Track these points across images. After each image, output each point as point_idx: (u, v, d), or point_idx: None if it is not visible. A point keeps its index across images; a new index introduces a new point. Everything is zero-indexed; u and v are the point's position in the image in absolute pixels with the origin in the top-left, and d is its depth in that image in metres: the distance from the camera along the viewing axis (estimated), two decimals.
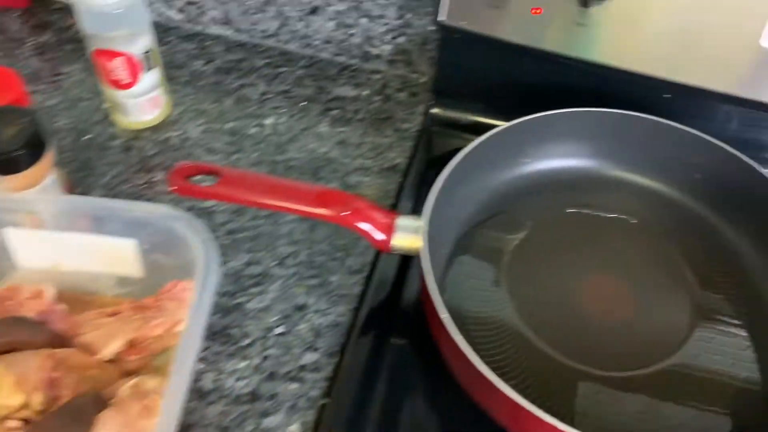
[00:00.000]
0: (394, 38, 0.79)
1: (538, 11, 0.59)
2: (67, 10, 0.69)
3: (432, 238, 0.57)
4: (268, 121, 0.75)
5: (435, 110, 0.75)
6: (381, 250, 0.57)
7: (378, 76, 0.81)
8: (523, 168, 0.67)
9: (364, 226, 0.55)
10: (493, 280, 0.60)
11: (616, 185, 0.67)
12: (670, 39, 0.57)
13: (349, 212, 0.54)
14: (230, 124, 0.75)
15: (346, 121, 0.76)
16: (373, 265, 0.63)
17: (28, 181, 0.55)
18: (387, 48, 0.80)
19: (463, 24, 0.62)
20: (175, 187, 0.54)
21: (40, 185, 0.56)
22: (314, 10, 0.79)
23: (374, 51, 0.81)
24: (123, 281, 0.57)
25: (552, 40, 0.60)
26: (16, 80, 0.59)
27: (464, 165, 0.60)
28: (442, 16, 0.62)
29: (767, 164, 0.60)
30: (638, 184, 0.67)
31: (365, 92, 0.80)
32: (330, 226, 0.65)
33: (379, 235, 0.54)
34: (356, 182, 0.70)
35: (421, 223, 0.55)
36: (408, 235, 0.55)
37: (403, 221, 0.56)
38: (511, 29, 0.61)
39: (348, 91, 0.79)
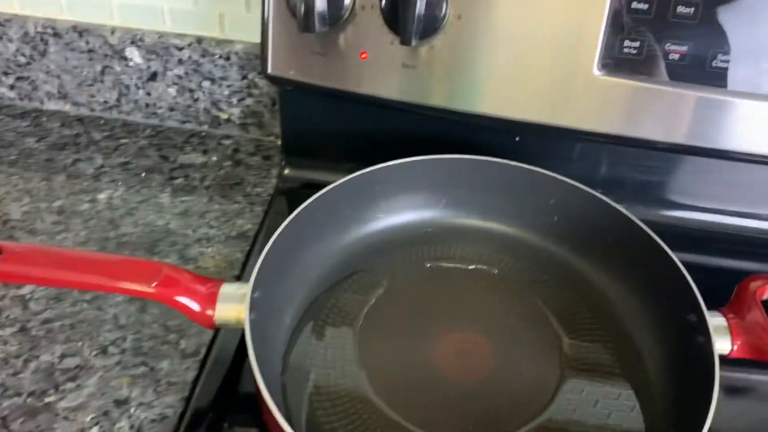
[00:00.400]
0: (240, 100, 0.74)
1: (364, 55, 0.56)
2: None
3: (269, 307, 0.50)
4: (102, 195, 0.68)
5: (287, 171, 0.70)
6: (205, 326, 0.49)
7: (229, 141, 0.76)
8: (377, 224, 0.62)
9: (181, 298, 0.48)
10: (344, 347, 0.54)
11: (475, 235, 0.63)
12: (504, 76, 0.55)
13: (157, 283, 0.47)
14: (58, 202, 0.67)
15: (191, 189, 0.70)
16: (210, 346, 0.56)
17: None
18: (236, 111, 0.75)
19: (292, 74, 0.58)
20: None
21: None
22: (153, 77, 0.74)
23: (223, 115, 0.76)
24: None
25: (380, 86, 0.57)
26: None
27: (301, 225, 0.54)
28: (269, 68, 0.58)
29: (623, 199, 0.58)
30: (497, 232, 0.63)
31: (214, 158, 0.74)
32: (161, 306, 0.58)
33: (197, 307, 0.47)
34: (197, 254, 0.63)
35: (245, 289, 0.48)
36: (233, 305, 0.48)
37: (228, 289, 0.49)
38: (338, 76, 0.57)
39: (195, 159, 0.74)
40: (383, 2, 0.53)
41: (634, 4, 0.51)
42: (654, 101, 0.53)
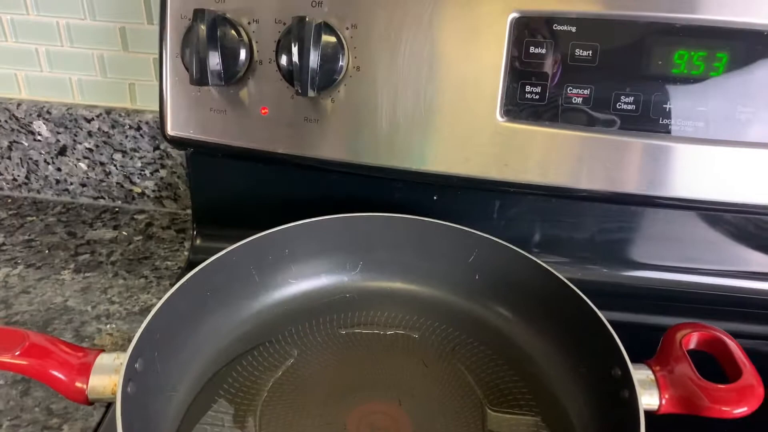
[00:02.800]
0: (154, 172, 0.71)
1: (265, 111, 0.54)
2: None
3: (155, 380, 0.46)
4: None
5: (198, 242, 0.66)
6: (78, 402, 0.44)
7: (143, 216, 0.73)
8: (289, 289, 0.58)
9: (48, 369, 0.42)
10: (245, 426, 0.48)
11: (395, 298, 0.59)
12: (408, 126, 0.53)
13: (20, 352, 0.41)
14: None
15: (96, 265, 0.65)
16: (96, 430, 0.50)
17: None
18: (149, 184, 0.72)
19: (191, 133, 0.56)
20: None
21: None
22: (63, 150, 0.71)
23: (136, 189, 0.73)
24: None
25: (284, 142, 0.54)
26: None
27: (196, 291, 0.50)
28: (168, 129, 0.56)
29: (543, 257, 0.55)
30: (418, 294, 0.59)
31: (125, 233, 0.70)
32: (48, 389, 0.52)
33: (64, 378, 0.42)
34: (94, 331, 0.58)
35: (121, 360, 0.43)
36: (108, 376, 0.43)
37: (105, 359, 0.44)
38: (239, 133, 0.55)
39: (104, 234, 0.70)
40: (280, 57, 0.52)
41: (532, 49, 0.50)
42: (560, 146, 0.52)
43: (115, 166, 0.71)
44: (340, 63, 0.52)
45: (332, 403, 0.50)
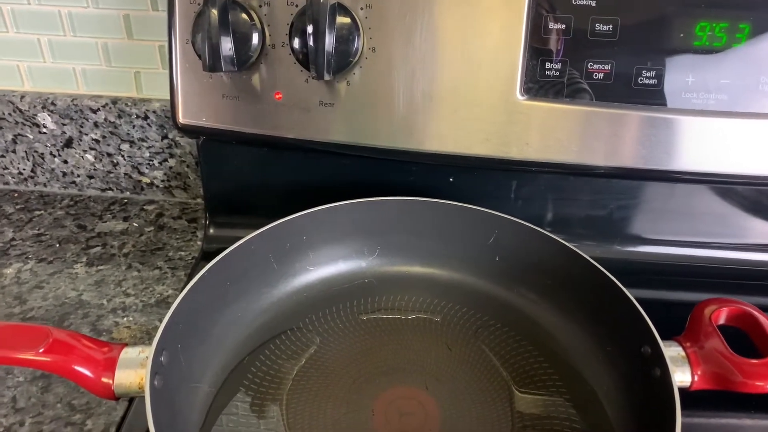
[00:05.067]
0: (162, 161, 0.70)
1: (279, 96, 0.53)
2: None
3: (180, 373, 0.45)
4: (10, 270, 0.63)
5: (212, 231, 0.65)
6: (104, 397, 0.43)
7: (153, 207, 0.72)
8: (307, 277, 0.57)
9: (73, 365, 0.42)
10: (271, 417, 0.48)
11: (415, 282, 0.58)
12: (425, 108, 0.52)
13: (44, 349, 0.41)
14: None
15: (108, 258, 0.64)
16: (120, 425, 0.50)
17: None
18: (158, 174, 0.71)
19: (204, 121, 0.54)
20: None
21: None
22: (69, 143, 0.70)
23: (145, 179, 0.72)
24: None
25: (298, 127, 0.53)
26: None
27: (217, 281, 0.49)
28: (179, 117, 0.55)
29: (565, 236, 0.54)
30: (438, 278, 0.59)
31: (135, 224, 0.69)
32: (68, 384, 0.52)
33: (90, 374, 0.41)
34: (111, 324, 0.57)
35: (147, 353, 0.42)
36: (134, 371, 0.43)
37: (129, 353, 0.43)
38: (253, 119, 0.54)
39: (114, 226, 0.69)
40: (293, 40, 0.50)
41: (551, 25, 0.49)
42: (582, 123, 0.51)
43: (122, 156, 0.70)
44: (355, 45, 0.51)
45: (358, 389, 0.50)
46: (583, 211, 0.61)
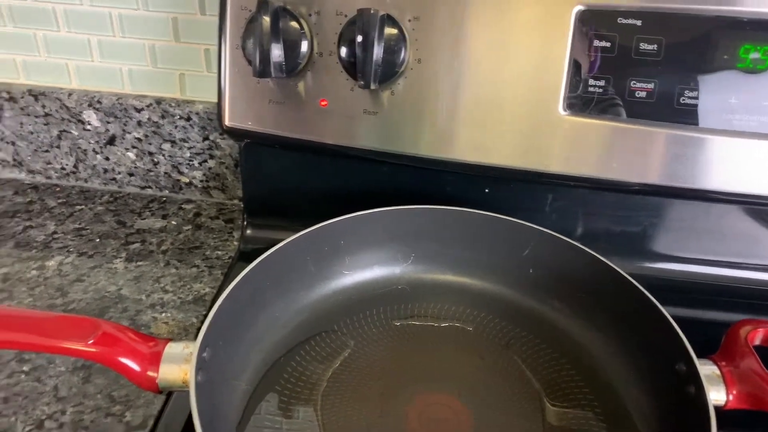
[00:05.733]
0: (202, 162, 0.72)
1: (324, 103, 0.54)
2: None
3: (221, 370, 0.46)
4: (51, 262, 0.64)
5: (249, 232, 0.67)
6: (148, 390, 0.45)
7: (190, 206, 0.73)
8: (343, 280, 0.58)
9: (120, 358, 0.43)
10: (305, 418, 0.48)
11: (448, 290, 0.59)
12: (467, 119, 0.53)
13: (93, 341, 0.42)
14: (4, 270, 0.63)
15: (147, 254, 0.66)
16: (158, 418, 0.51)
17: None
18: (197, 174, 0.73)
19: (249, 125, 0.56)
20: None
21: None
22: (112, 140, 0.72)
23: (184, 179, 0.73)
24: None
25: (342, 133, 0.55)
26: None
27: (257, 281, 0.50)
28: (226, 120, 0.56)
29: (599, 252, 0.55)
30: (471, 287, 0.59)
31: (173, 222, 0.71)
32: (108, 375, 0.53)
33: (137, 367, 0.43)
34: (149, 320, 0.59)
35: (193, 348, 0.44)
36: (179, 366, 0.44)
37: (174, 348, 0.45)
38: (298, 125, 0.55)
39: (153, 223, 0.70)
40: (341, 49, 0.52)
41: (596, 42, 0.50)
42: (623, 140, 0.51)
43: (163, 155, 0.72)
44: (402, 55, 0.52)
45: (391, 394, 0.51)
46: (617, 226, 0.61)
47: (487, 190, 0.61)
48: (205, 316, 0.59)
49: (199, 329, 0.58)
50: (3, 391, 0.52)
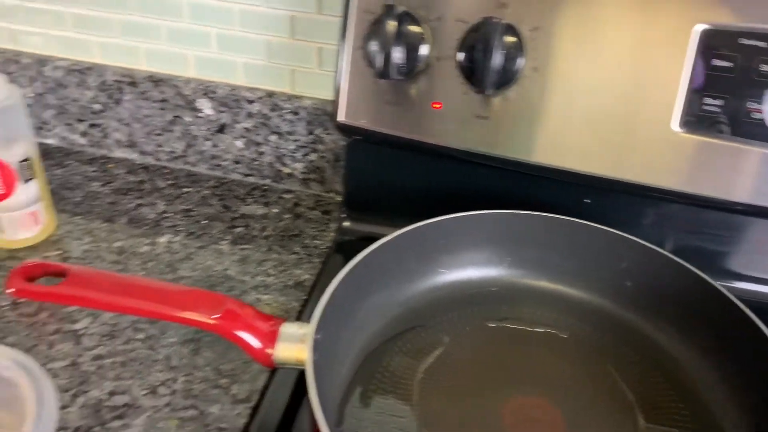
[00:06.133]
0: (305, 155, 0.75)
1: (437, 105, 0.56)
2: None
3: (327, 353, 0.48)
4: (162, 239, 0.68)
5: (347, 224, 0.69)
6: (263, 365, 0.47)
7: (290, 196, 0.76)
8: (440, 278, 0.60)
9: (241, 333, 0.46)
10: (402, 406, 0.51)
11: (543, 296, 0.60)
12: (578, 129, 0.54)
13: (220, 315, 0.45)
14: (119, 243, 0.68)
15: (250, 238, 0.69)
16: (263, 393, 0.54)
17: None
18: (299, 166, 0.76)
19: (363, 123, 0.58)
20: (13, 290, 0.45)
21: None
22: (222, 129, 0.76)
23: (286, 170, 0.76)
24: None
25: (453, 136, 0.56)
26: None
27: (363, 272, 0.53)
28: (340, 117, 0.59)
29: (705, 268, 0.54)
30: (566, 295, 0.60)
31: (274, 210, 0.74)
32: (215, 350, 0.57)
33: (257, 344, 0.46)
34: (254, 300, 0.62)
35: (307, 329, 0.46)
36: (294, 345, 0.46)
37: (288, 328, 0.47)
38: (410, 126, 0.57)
39: (255, 210, 0.74)
40: (460, 54, 0.53)
41: (716, 62, 0.50)
42: (735, 160, 0.51)
43: (269, 146, 0.75)
44: (519, 64, 0.53)
45: (486, 392, 0.52)
46: (720, 246, 0.61)
47: (587, 200, 0.62)
48: (306, 301, 0.63)
49: (299, 313, 0.62)
50: (121, 356, 0.56)
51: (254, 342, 0.46)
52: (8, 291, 0.45)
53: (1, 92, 0.60)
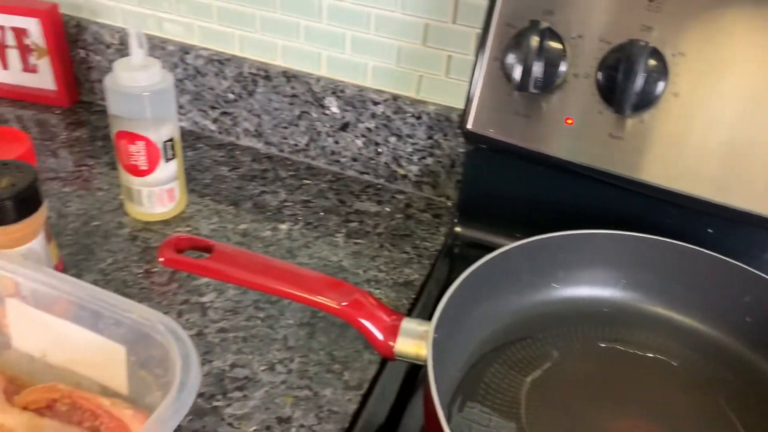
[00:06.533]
0: (421, 159, 0.77)
1: (569, 121, 0.56)
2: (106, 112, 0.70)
3: (442, 351, 0.50)
4: (283, 226, 0.72)
5: (458, 229, 0.71)
6: (383, 355, 0.50)
7: (402, 196, 0.79)
8: (553, 293, 0.61)
9: (366, 322, 0.48)
10: (510, 413, 0.51)
11: (655, 322, 0.60)
12: (716, 158, 0.53)
13: (348, 303, 0.48)
14: (243, 226, 0.72)
15: (364, 234, 0.72)
16: (373, 382, 0.56)
17: (14, 236, 0.51)
18: (414, 168, 0.78)
19: (491, 132, 0.60)
20: (163, 259, 0.49)
21: (26, 246, 0.53)
22: (344, 127, 0.79)
23: (401, 171, 0.79)
24: (105, 391, 0.48)
25: (583, 153, 0.57)
26: (26, 140, 0.58)
27: (479, 278, 0.54)
28: (470, 124, 0.60)
29: None
30: (680, 324, 0.59)
31: (387, 209, 0.76)
32: (330, 336, 0.59)
33: (380, 335, 0.48)
34: None
35: (427, 327, 0.48)
36: (413, 340, 0.49)
37: (409, 324, 0.49)
38: (539, 139, 0.58)
39: (369, 207, 0.76)
40: (600, 72, 0.54)
41: None
42: None
43: (387, 147, 0.78)
44: (659, 87, 0.53)
45: (594, 411, 0.52)
46: None
47: (710, 230, 0.61)
48: (415, 300, 0.65)
49: (409, 311, 0.64)
50: (242, 331, 0.59)
51: (377, 333, 0.48)
52: (159, 259, 0.49)
53: (157, 75, 0.65)
